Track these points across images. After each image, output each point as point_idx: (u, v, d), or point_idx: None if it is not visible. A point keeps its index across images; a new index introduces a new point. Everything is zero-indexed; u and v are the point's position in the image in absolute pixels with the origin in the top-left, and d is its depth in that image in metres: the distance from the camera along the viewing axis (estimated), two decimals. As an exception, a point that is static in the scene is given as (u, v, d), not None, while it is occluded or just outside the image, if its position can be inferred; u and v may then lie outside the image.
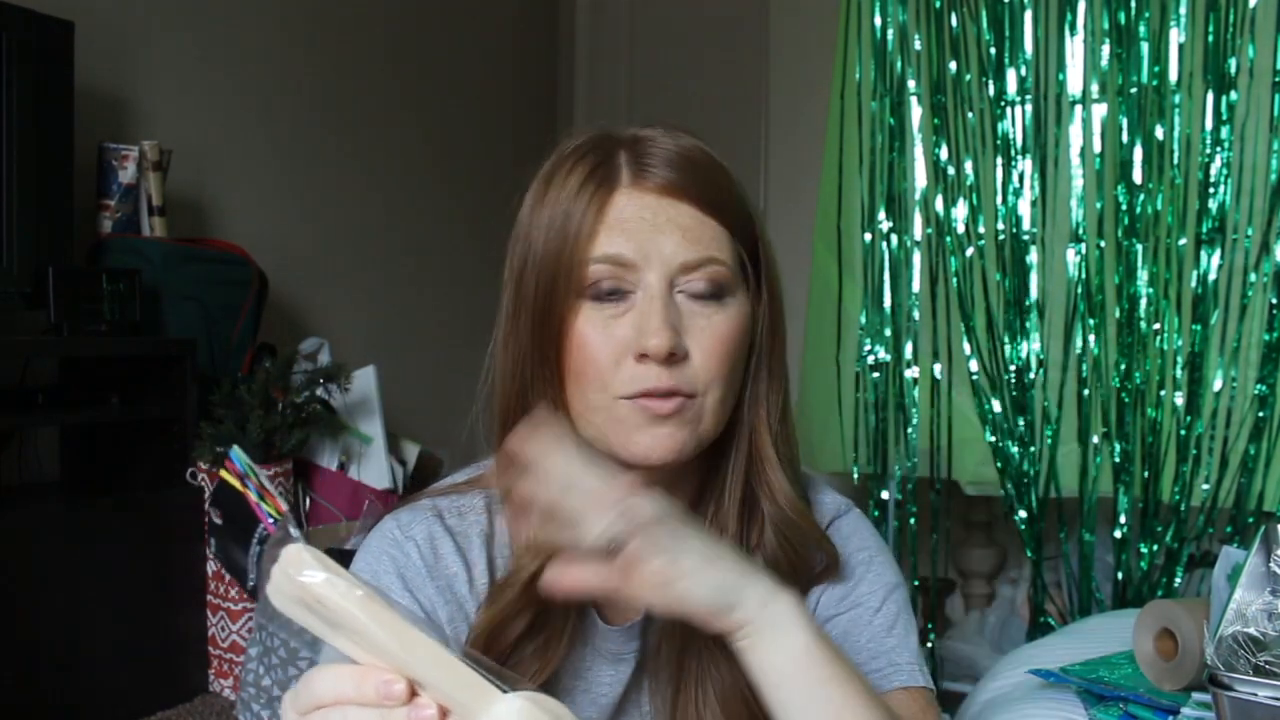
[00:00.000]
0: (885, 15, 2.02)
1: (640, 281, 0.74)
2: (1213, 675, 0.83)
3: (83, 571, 1.86)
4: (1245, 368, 1.78)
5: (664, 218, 0.74)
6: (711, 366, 0.75)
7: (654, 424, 0.74)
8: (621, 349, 0.74)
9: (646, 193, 0.75)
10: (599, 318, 0.75)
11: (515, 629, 0.77)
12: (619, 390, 0.74)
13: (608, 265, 0.74)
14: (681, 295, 0.75)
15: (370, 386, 2.32)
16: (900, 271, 2.02)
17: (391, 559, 0.81)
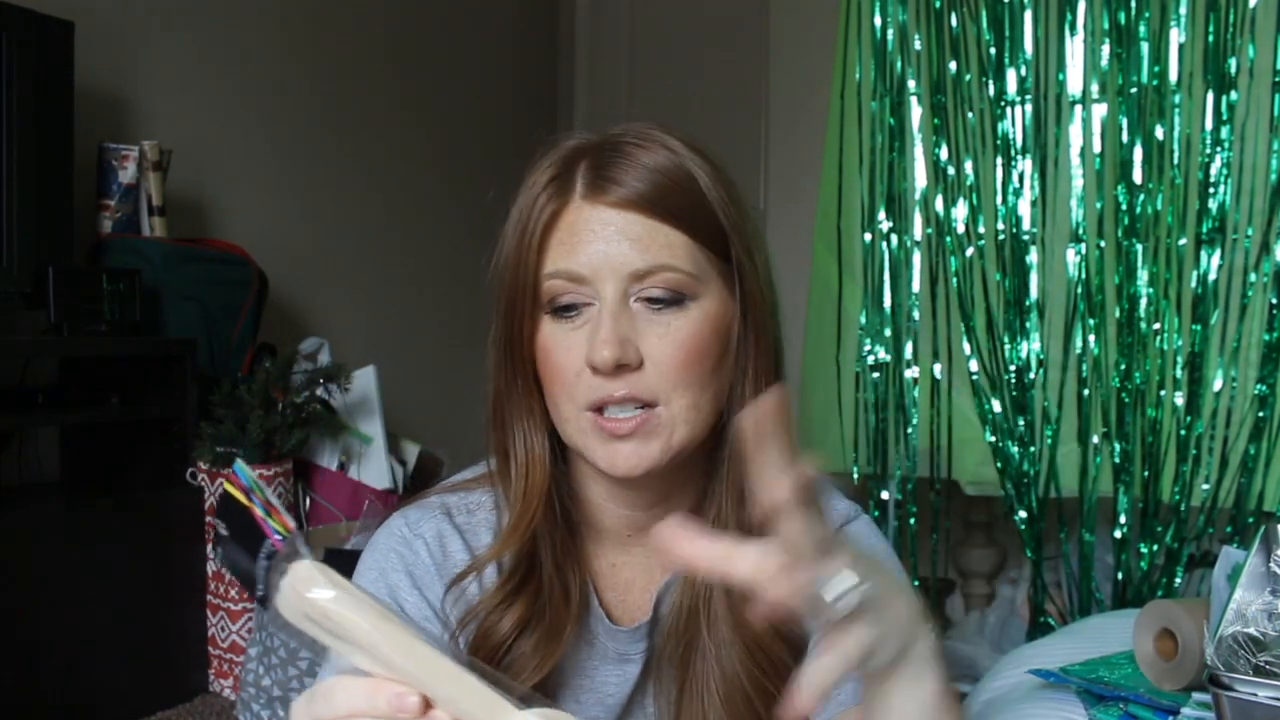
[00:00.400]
0: (885, 15, 2.02)
1: (597, 294, 0.75)
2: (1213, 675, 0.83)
3: (83, 571, 1.86)
4: (1245, 368, 1.78)
5: (613, 229, 0.74)
6: (670, 373, 0.75)
7: (614, 441, 0.75)
8: (579, 361, 0.75)
9: (597, 205, 0.75)
10: (559, 331, 0.76)
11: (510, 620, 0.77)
12: (581, 402, 0.75)
13: (561, 280, 0.75)
14: (639, 304, 0.75)
15: (370, 386, 2.32)
16: (900, 271, 2.02)
17: (400, 557, 0.81)
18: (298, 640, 0.48)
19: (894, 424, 2.03)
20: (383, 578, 0.82)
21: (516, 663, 0.78)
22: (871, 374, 2.04)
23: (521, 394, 0.79)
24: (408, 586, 0.80)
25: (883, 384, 2.03)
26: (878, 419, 2.04)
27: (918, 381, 2.02)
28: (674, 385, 0.75)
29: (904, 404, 2.02)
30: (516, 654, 0.78)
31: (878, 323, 2.03)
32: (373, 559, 0.83)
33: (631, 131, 0.79)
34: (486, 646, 0.78)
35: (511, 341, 0.77)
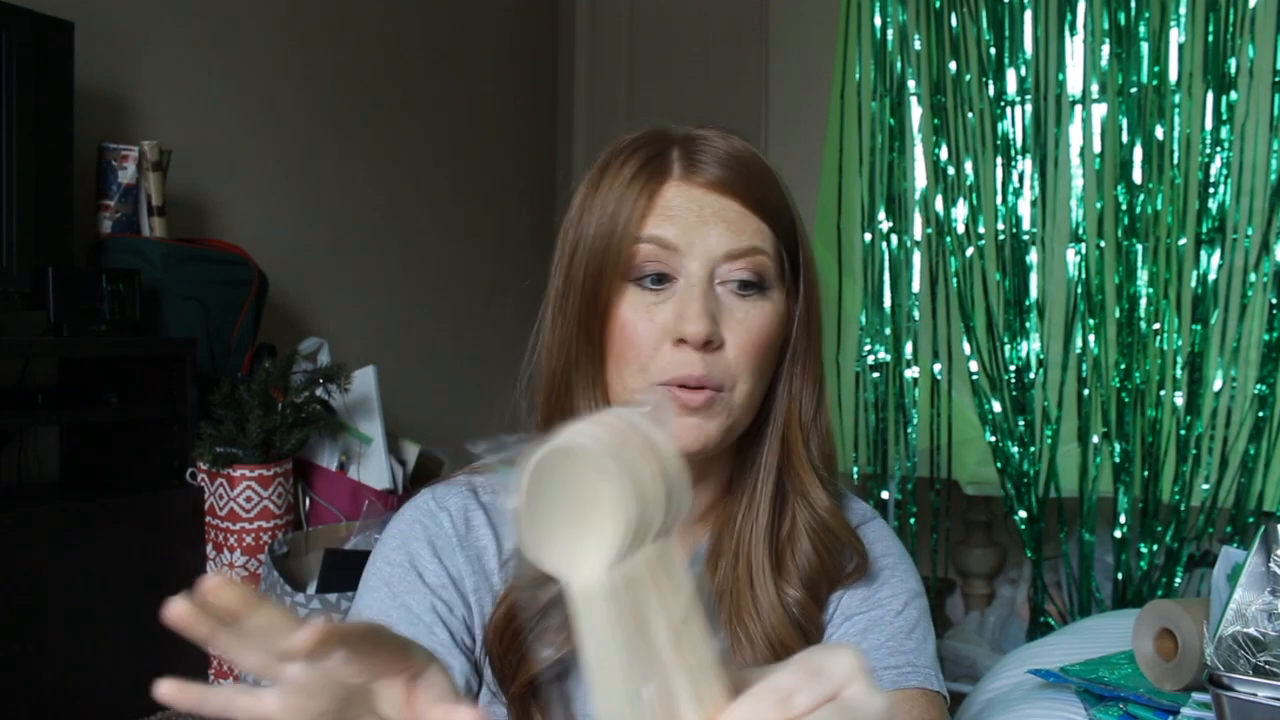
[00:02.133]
0: (885, 15, 2.02)
1: (683, 269, 0.76)
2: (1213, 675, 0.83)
3: (83, 571, 1.86)
4: (1245, 368, 1.78)
5: (710, 210, 0.77)
6: (744, 359, 0.77)
7: (683, 414, 0.76)
8: (661, 334, 0.76)
9: (695, 186, 0.77)
10: (642, 302, 0.77)
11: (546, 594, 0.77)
12: (655, 376, 0.76)
13: (653, 246, 0.76)
14: (722, 288, 0.77)
15: (370, 386, 2.32)
16: (900, 271, 2.02)
17: (424, 527, 0.83)
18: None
19: (894, 424, 2.03)
20: (404, 545, 0.83)
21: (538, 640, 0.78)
22: (871, 374, 2.04)
23: (589, 366, 0.79)
24: (428, 555, 0.82)
25: (883, 384, 2.03)
26: (878, 419, 2.04)
27: (918, 381, 2.02)
28: (744, 371, 0.77)
29: (904, 404, 2.02)
30: (540, 632, 0.78)
31: (878, 323, 2.03)
32: (396, 528, 0.84)
33: (715, 127, 0.82)
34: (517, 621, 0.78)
35: (590, 310, 0.78)
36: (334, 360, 2.26)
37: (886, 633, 0.84)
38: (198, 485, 2.05)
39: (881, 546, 0.88)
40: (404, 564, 0.82)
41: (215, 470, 2.02)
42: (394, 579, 0.82)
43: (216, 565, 2.05)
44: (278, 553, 1.88)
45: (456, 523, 0.83)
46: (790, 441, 0.82)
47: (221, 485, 2.02)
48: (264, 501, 2.03)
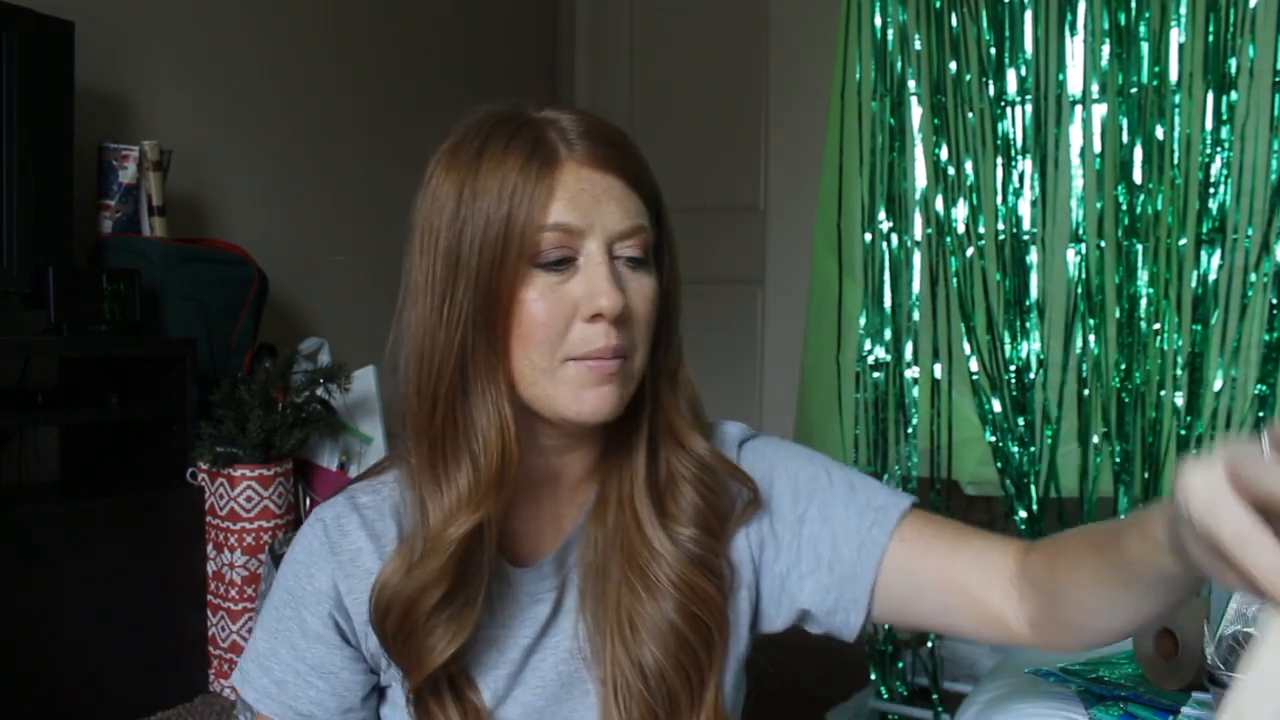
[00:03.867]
0: (885, 15, 2.01)
1: (583, 249, 0.79)
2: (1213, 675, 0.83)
3: (83, 571, 1.86)
4: (1245, 368, 1.78)
5: (602, 189, 0.79)
6: (642, 328, 0.82)
7: (600, 383, 0.79)
8: (569, 311, 0.79)
9: (583, 166, 0.79)
10: (546, 284, 0.79)
11: (433, 596, 0.81)
12: (568, 351, 0.79)
13: (557, 233, 0.78)
14: (618, 261, 0.80)
15: (370, 386, 2.32)
16: (900, 271, 2.02)
17: (301, 548, 0.89)
18: None
19: (894, 424, 2.03)
20: (284, 570, 0.89)
21: (431, 635, 0.82)
22: (871, 374, 2.04)
23: (489, 351, 0.80)
24: (304, 575, 0.88)
25: (883, 384, 2.03)
26: (878, 419, 2.04)
27: (918, 381, 2.02)
28: (641, 339, 0.82)
29: (904, 404, 2.02)
30: (432, 626, 0.82)
31: (878, 323, 2.03)
32: (286, 554, 0.91)
33: (566, 108, 0.84)
34: (404, 612, 0.81)
35: (490, 297, 0.78)
36: (334, 360, 2.26)
37: (840, 505, 0.89)
38: (198, 485, 2.05)
39: (768, 459, 0.93)
40: (285, 588, 0.89)
41: (215, 470, 2.02)
42: (279, 602, 0.89)
43: (217, 565, 2.05)
44: (278, 552, 1.88)
45: (330, 530, 0.88)
46: (660, 395, 0.87)
47: (222, 485, 2.02)
48: (264, 501, 2.03)
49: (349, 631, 0.87)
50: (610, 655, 0.85)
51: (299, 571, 0.88)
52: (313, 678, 0.87)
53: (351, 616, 0.86)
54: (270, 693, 0.87)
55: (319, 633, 0.87)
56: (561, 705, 0.88)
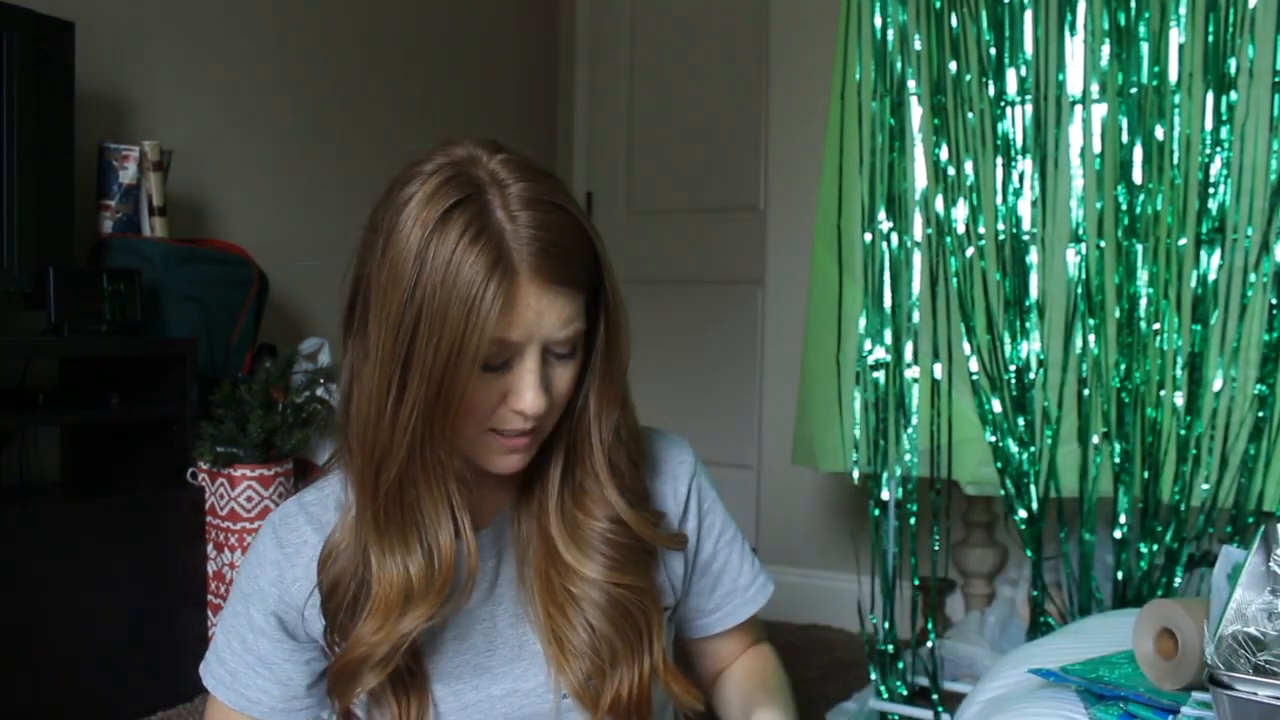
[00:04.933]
0: (885, 15, 2.01)
1: (520, 353, 0.88)
2: (1213, 675, 0.83)
3: (83, 571, 1.86)
4: (1245, 368, 1.78)
5: (546, 303, 0.87)
6: (556, 409, 0.93)
7: (512, 452, 0.93)
8: (498, 399, 0.89)
9: (534, 284, 0.86)
10: (485, 380, 0.88)
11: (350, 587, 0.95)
12: (488, 425, 0.91)
13: (499, 345, 0.87)
14: (548, 354, 0.90)
15: (370, 386, 2.32)
16: (900, 271, 2.02)
17: (253, 550, 1.00)
18: None
19: (894, 424, 2.03)
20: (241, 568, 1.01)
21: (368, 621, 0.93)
22: (871, 374, 2.04)
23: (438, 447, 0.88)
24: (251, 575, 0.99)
25: (883, 384, 2.03)
26: (878, 419, 2.04)
27: (918, 381, 2.02)
28: (557, 409, 0.94)
29: (904, 404, 2.02)
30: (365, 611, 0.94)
31: (878, 323, 2.03)
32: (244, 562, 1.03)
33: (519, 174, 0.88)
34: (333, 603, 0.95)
35: (443, 397, 0.85)
36: (334, 360, 2.26)
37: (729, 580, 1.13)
38: (198, 485, 2.05)
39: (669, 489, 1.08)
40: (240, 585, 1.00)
41: (216, 470, 2.02)
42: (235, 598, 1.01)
43: (217, 565, 2.05)
44: (278, 553, 1.88)
45: (278, 529, 0.99)
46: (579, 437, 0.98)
47: (222, 485, 2.02)
48: (265, 501, 2.03)
49: (293, 625, 0.97)
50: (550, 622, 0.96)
51: (248, 572, 0.99)
52: (260, 669, 0.98)
53: (293, 607, 0.97)
54: (225, 681, 0.99)
55: (263, 628, 0.97)
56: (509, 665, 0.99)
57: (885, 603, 2.06)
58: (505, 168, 0.88)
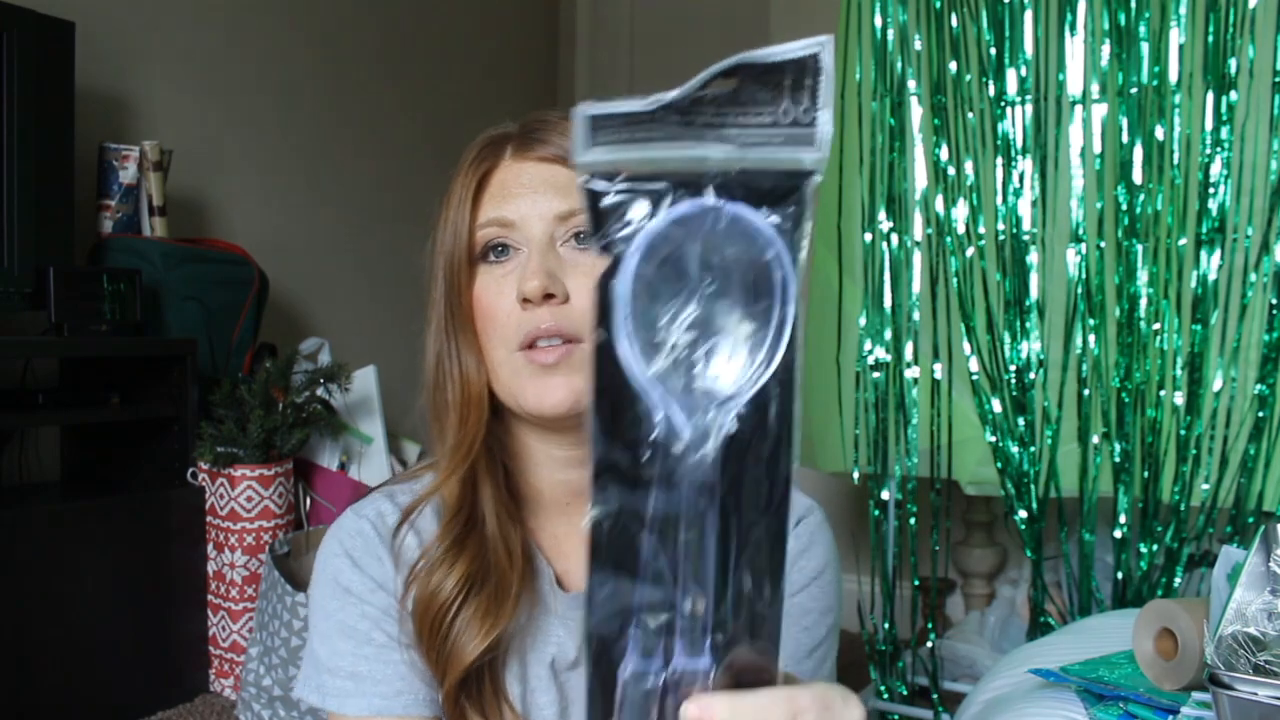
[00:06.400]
0: (885, 15, 2.02)
1: (526, 239, 0.80)
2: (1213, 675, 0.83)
3: (83, 571, 1.86)
4: (1245, 368, 1.78)
5: (540, 179, 0.81)
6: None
7: (542, 374, 0.78)
8: (510, 300, 0.79)
9: (524, 161, 0.82)
10: (491, 278, 0.81)
11: (454, 579, 0.79)
12: (512, 343, 0.79)
13: (493, 228, 0.81)
14: (564, 247, 0.80)
15: (370, 386, 2.32)
16: (900, 272, 2.02)
17: (339, 542, 0.85)
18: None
19: (894, 424, 2.03)
20: (325, 568, 0.85)
21: (464, 632, 0.79)
22: (871, 374, 2.04)
23: (460, 345, 0.82)
24: (348, 568, 0.83)
25: (883, 384, 2.03)
26: (878, 419, 2.04)
27: (918, 381, 2.02)
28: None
29: (904, 404, 2.02)
30: (463, 620, 0.79)
31: (878, 323, 2.03)
32: (320, 554, 0.87)
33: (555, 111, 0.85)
34: (433, 610, 0.79)
35: (451, 296, 0.82)
36: (334, 360, 2.26)
37: (789, 648, 0.82)
38: (198, 485, 2.05)
39: (816, 550, 0.87)
40: (330, 583, 0.84)
41: (216, 470, 2.02)
42: (325, 601, 0.84)
43: (217, 565, 2.05)
44: (278, 552, 1.88)
45: (377, 526, 0.84)
46: None
47: (222, 485, 2.02)
48: (265, 501, 2.03)
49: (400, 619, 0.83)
50: None
51: (341, 567, 0.83)
52: (388, 654, 0.81)
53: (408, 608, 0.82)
54: (349, 690, 0.81)
55: (377, 618, 0.82)
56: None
57: (885, 603, 2.06)
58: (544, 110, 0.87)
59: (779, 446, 0.40)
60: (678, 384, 0.40)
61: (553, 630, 0.84)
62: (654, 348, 0.40)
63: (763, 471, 0.40)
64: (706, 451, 0.40)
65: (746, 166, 0.41)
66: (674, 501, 0.40)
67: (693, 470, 0.40)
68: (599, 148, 0.43)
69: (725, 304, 0.40)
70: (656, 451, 0.40)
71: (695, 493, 0.40)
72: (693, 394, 0.40)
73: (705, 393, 0.40)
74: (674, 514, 0.40)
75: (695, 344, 0.40)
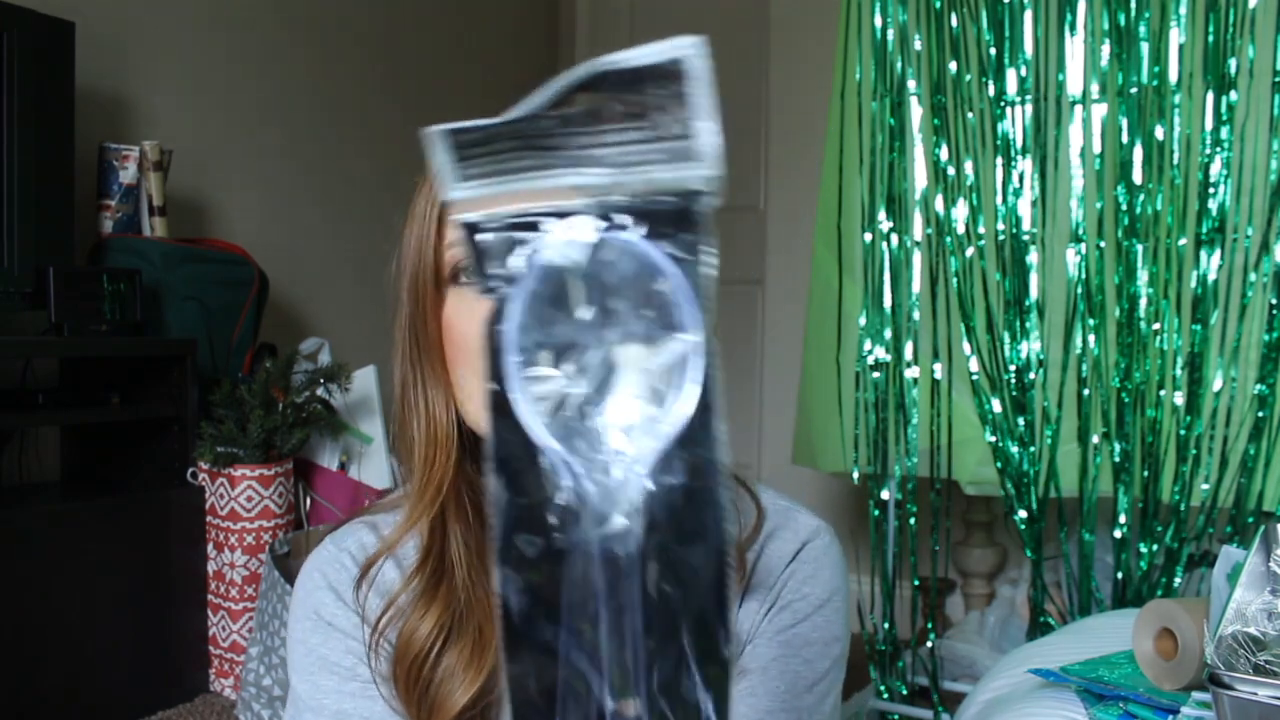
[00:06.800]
0: (885, 15, 2.02)
1: None
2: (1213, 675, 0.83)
3: (83, 571, 1.86)
4: (1245, 368, 1.78)
5: None
6: None
7: None
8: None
9: None
10: (462, 301, 0.74)
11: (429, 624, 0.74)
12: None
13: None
14: None
15: (370, 386, 2.32)
16: (900, 271, 2.02)
17: (322, 574, 0.80)
18: None
19: (894, 424, 2.03)
20: (306, 600, 0.80)
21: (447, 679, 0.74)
22: (871, 374, 2.04)
23: (426, 376, 0.77)
24: (331, 602, 0.79)
25: (883, 384, 2.03)
26: (878, 419, 2.04)
27: (918, 381, 2.02)
28: None
29: (904, 404, 2.02)
30: (444, 667, 0.74)
31: (878, 323, 2.03)
32: (298, 584, 0.82)
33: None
34: (410, 655, 0.74)
35: (416, 321, 0.76)
36: (334, 360, 2.26)
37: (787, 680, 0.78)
38: (198, 485, 2.05)
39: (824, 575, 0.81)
40: (311, 618, 0.80)
41: (216, 470, 2.02)
42: (306, 635, 0.80)
43: (217, 565, 2.05)
44: (278, 552, 1.88)
45: (356, 557, 0.80)
46: None
47: (222, 485, 2.02)
48: (265, 501, 2.03)
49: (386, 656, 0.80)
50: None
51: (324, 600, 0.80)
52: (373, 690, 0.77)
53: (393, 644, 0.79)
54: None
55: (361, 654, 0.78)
56: None
57: (885, 603, 2.06)
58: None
59: (706, 508, 0.35)
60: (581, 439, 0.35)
61: None
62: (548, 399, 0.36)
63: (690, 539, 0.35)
64: (619, 517, 0.35)
65: (630, 191, 0.37)
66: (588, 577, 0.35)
67: (607, 540, 0.35)
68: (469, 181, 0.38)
69: (624, 346, 0.35)
70: (565, 517, 0.35)
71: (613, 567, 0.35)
72: (599, 450, 0.35)
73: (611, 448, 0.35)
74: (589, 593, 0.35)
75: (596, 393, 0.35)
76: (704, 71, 0.37)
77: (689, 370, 0.35)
